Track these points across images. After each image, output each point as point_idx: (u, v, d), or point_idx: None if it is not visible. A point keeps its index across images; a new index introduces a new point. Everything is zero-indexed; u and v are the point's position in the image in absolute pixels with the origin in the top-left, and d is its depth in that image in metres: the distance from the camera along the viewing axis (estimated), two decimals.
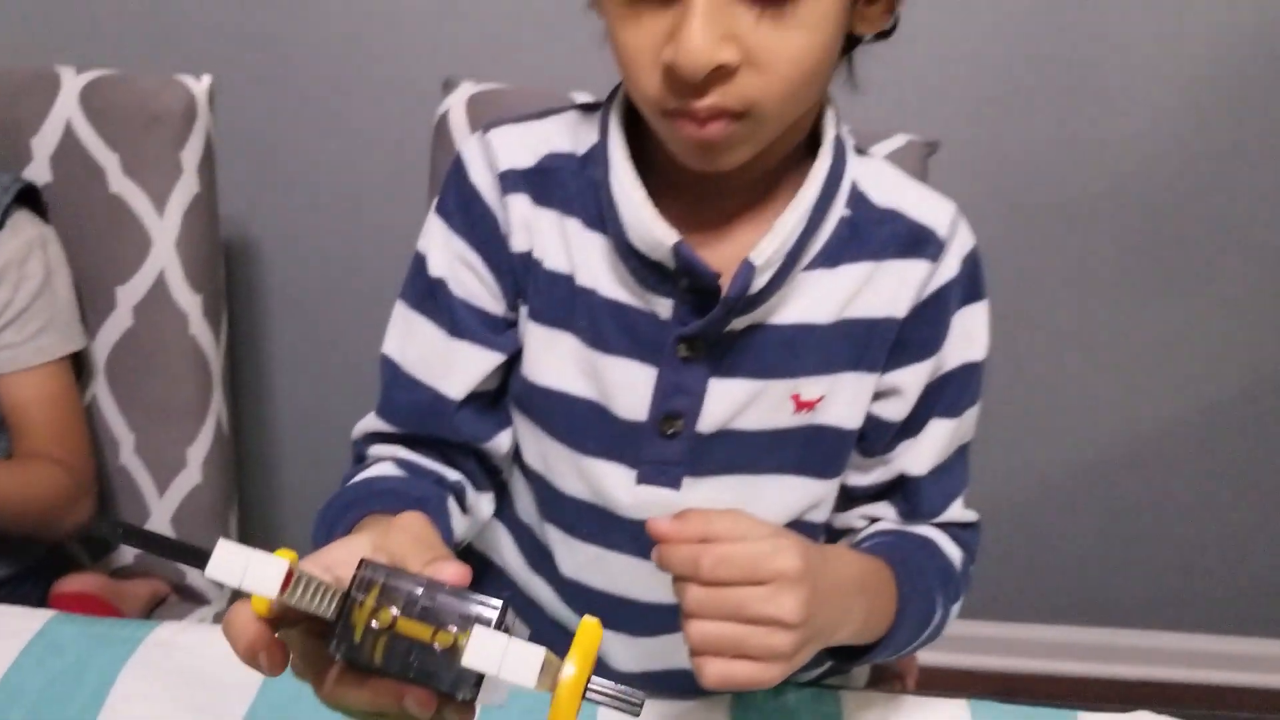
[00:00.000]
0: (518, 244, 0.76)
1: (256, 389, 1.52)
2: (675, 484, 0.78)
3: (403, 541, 0.54)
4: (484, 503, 0.83)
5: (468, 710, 0.48)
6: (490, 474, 0.83)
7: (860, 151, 0.79)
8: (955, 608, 0.79)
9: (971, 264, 0.78)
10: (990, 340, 0.80)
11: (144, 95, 1.11)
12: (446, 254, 0.78)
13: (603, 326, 0.75)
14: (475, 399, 0.79)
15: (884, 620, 0.71)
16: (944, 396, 0.79)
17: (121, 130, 1.11)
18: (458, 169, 0.78)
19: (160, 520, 1.17)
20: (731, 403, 0.76)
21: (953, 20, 1.33)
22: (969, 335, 0.79)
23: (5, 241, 1.03)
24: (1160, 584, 1.68)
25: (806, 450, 0.79)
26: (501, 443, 0.81)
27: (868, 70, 0.75)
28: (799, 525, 0.82)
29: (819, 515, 0.83)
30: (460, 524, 0.79)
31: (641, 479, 0.78)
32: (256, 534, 1.59)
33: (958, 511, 0.83)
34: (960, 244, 0.77)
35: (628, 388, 0.75)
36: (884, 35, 0.72)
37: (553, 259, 0.76)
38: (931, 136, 1.14)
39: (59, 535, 1.08)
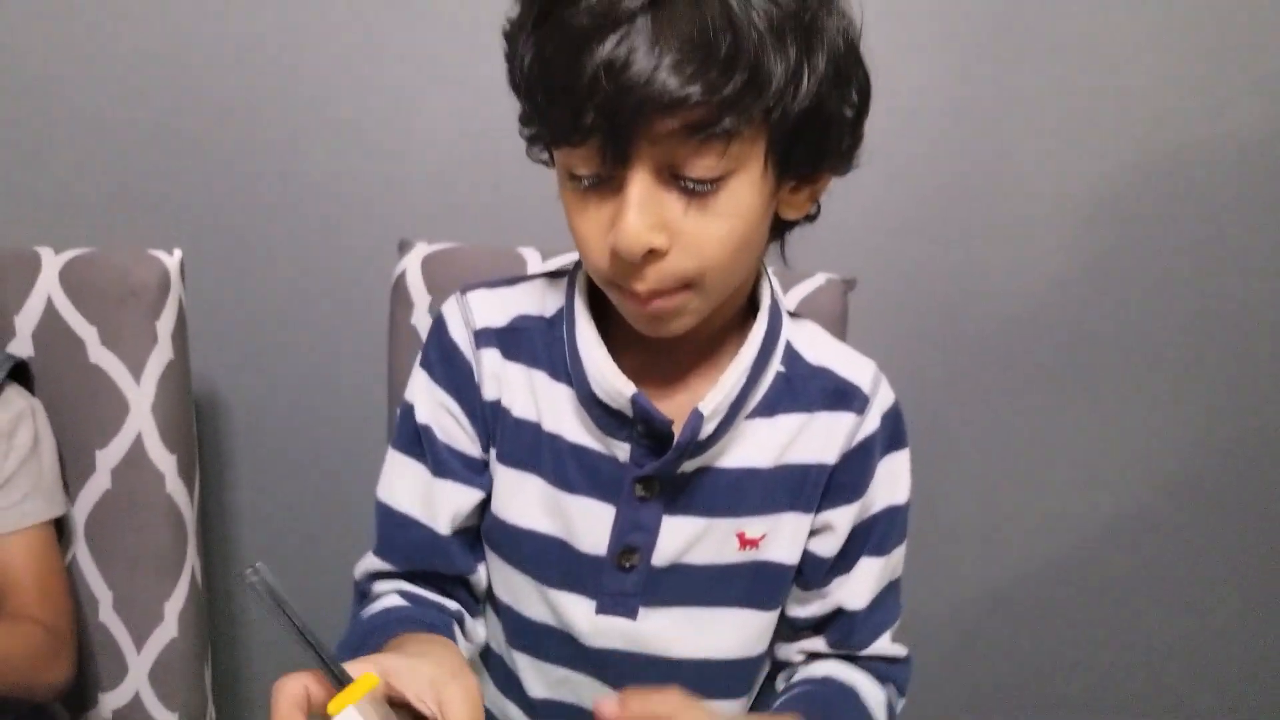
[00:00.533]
0: (488, 393, 0.85)
1: (225, 540, 1.56)
2: (632, 614, 0.85)
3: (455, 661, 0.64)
4: (480, 629, 0.90)
5: None
6: (478, 602, 0.90)
7: (792, 315, 0.89)
8: None
9: (892, 418, 0.88)
10: (911, 483, 0.90)
11: (120, 270, 1.17)
12: (430, 403, 0.86)
13: (567, 468, 0.83)
14: (461, 534, 0.86)
15: None
16: (872, 536, 0.88)
17: (99, 304, 1.17)
18: (439, 326, 0.87)
19: (138, 674, 1.20)
20: (683, 538, 0.83)
21: (865, 164, 1.44)
22: (893, 480, 0.88)
23: None
24: (1110, 684, 1.73)
25: (752, 584, 0.86)
26: (484, 574, 0.89)
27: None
28: (745, 659, 0.89)
29: (762, 645, 0.90)
30: (465, 648, 0.85)
31: (600, 609, 0.85)
32: (228, 685, 1.61)
33: (886, 645, 0.90)
34: (881, 400, 0.87)
35: (589, 525, 0.83)
36: (810, 219, 0.82)
37: (520, 408, 0.84)
38: (849, 274, 1.24)
39: (36, 695, 1.10)
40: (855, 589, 0.88)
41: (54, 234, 1.25)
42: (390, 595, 0.86)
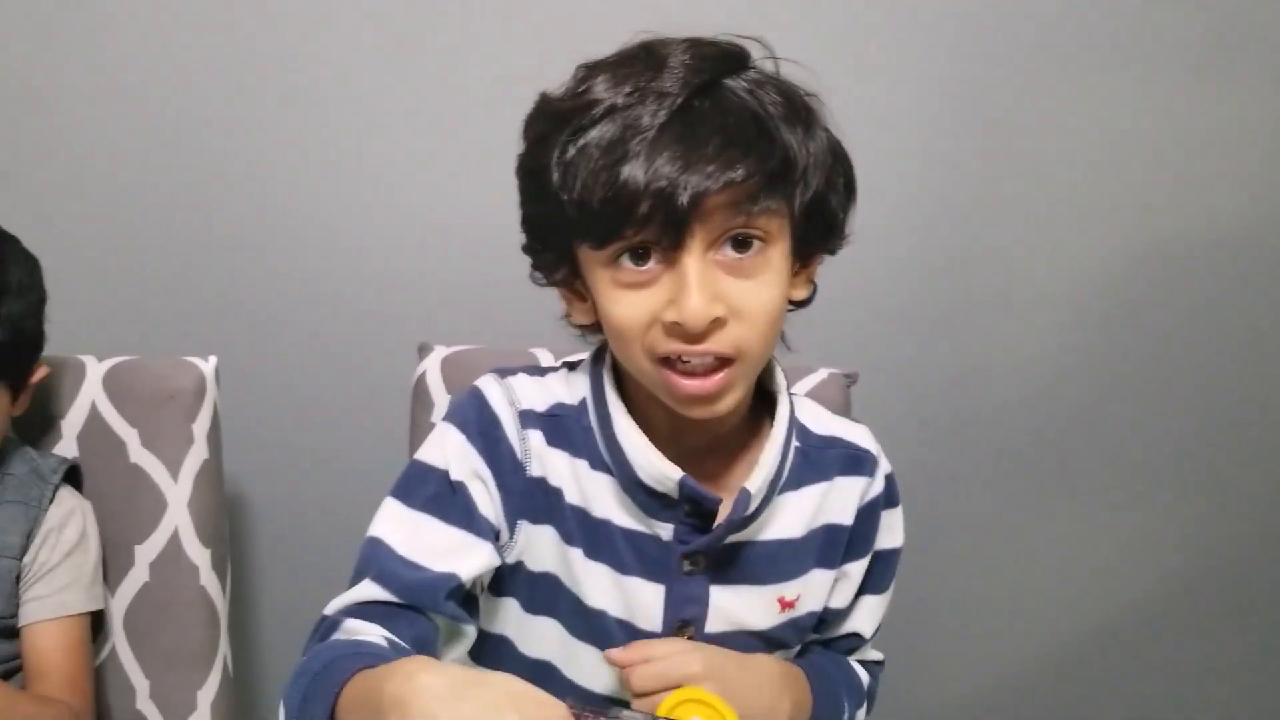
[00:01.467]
0: (534, 470, 0.88)
1: (255, 632, 1.61)
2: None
3: None
4: None
5: None
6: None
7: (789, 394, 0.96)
8: (861, 713, 1.00)
9: (890, 479, 0.98)
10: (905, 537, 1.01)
11: (159, 376, 1.25)
12: (465, 464, 0.87)
13: (621, 551, 0.88)
14: (461, 590, 0.86)
15: (806, 711, 0.91)
16: (872, 577, 0.99)
17: (140, 408, 1.25)
18: (479, 398, 0.89)
19: None
20: (732, 607, 0.90)
21: (861, 260, 1.48)
22: (891, 531, 0.99)
23: (51, 512, 1.16)
24: None
25: (787, 635, 0.96)
26: (468, 631, 0.87)
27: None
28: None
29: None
30: None
31: None
32: None
33: (870, 652, 1.05)
34: (884, 463, 0.98)
35: (643, 602, 0.89)
36: (805, 304, 0.89)
37: (570, 494, 0.89)
38: (850, 368, 1.29)
39: None
40: (859, 622, 1.00)
41: (97, 343, 1.32)
42: (367, 632, 0.80)
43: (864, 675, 1.03)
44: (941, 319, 1.54)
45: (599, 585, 0.90)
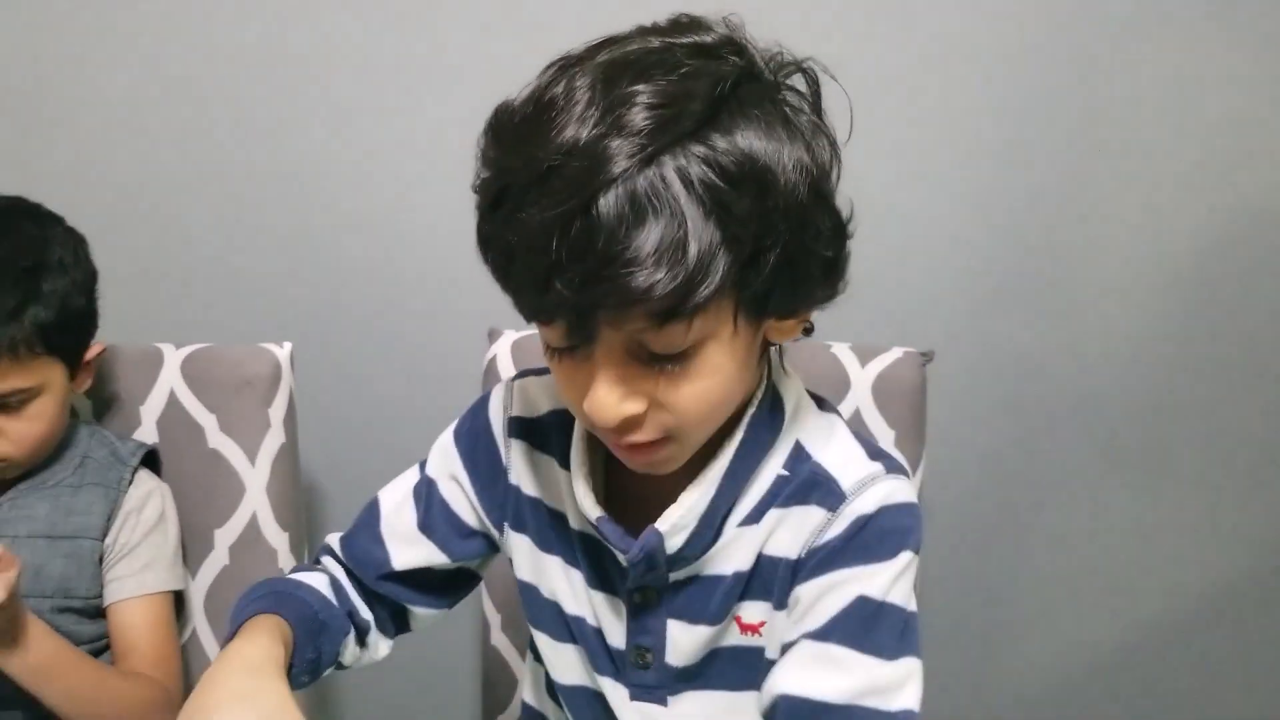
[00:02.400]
0: (514, 478, 0.90)
1: None
2: (662, 702, 0.87)
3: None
4: (383, 646, 0.96)
5: None
6: (399, 627, 0.96)
7: (825, 406, 0.86)
8: None
9: (875, 526, 0.79)
10: (893, 590, 0.79)
11: (235, 363, 1.27)
12: (443, 464, 0.93)
13: (593, 565, 0.86)
14: (413, 578, 0.92)
15: None
16: (812, 615, 0.79)
17: (217, 394, 1.27)
18: (482, 404, 0.94)
19: None
20: (689, 639, 0.84)
21: (941, 236, 1.47)
22: (861, 580, 0.78)
23: (131, 495, 1.18)
24: None
25: (761, 672, 0.82)
26: (423, 618, 0.95)
27: (864, 289, 0.80)
28: None
29: None
30: (351, 653, 0.92)
31: (633, 696, 0.88)
32: None
33: None
34: (862, 504, 0.79)
35: (610, 619, 0.86)
36: (806, 333, 0.79)
37: (549, 500, 0.88)
38: (926, 347, 1.26)
39: None
40: (786, 675, 0.78)
41: (174, 332, 1.34)
42: (322, 576, 0.93)
43: None
44: (1019, 300, 1.51)
45: (572, 593, 0.88)
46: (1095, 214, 1.48)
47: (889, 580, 0.78)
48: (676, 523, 0.79)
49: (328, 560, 0.96)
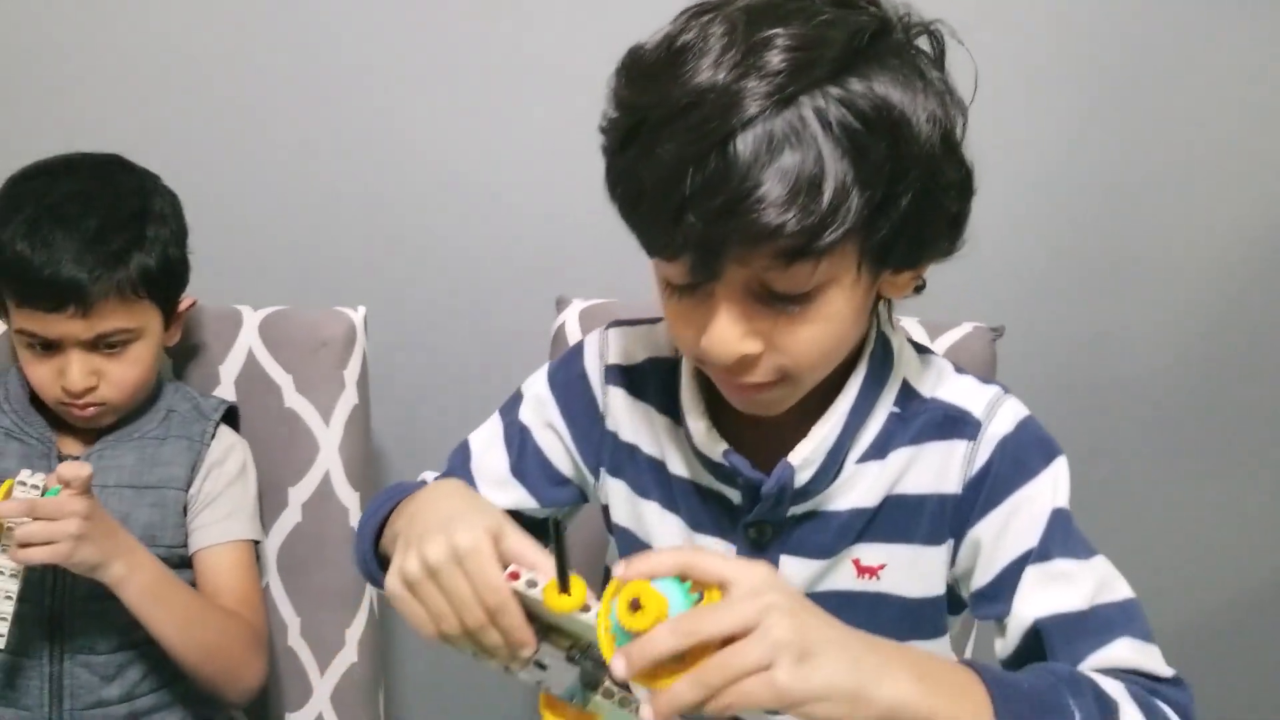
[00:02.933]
0: (611, 424, 0.91)
1: None
2: None
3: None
4: None
5: None
6: None
7: (923, 350, 0.89)
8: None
9: (1015, 442, 0.83)
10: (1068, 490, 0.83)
11: (312, 325, 1.30)
12: (538, 411, 0.94)
13: (693, 508, 0.88)
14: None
15: (967, 703, 0.68)
16: (1019, 541, 0.81)
17: (294, 355, 1.30)
18: (576, 352, 0.95)
19: (322, 696, 1.29)
20: (801, 578, 0.85)
21: (1012, 210, 1.46)
22: (1031, 501, 0.82)
23: (213, 448, 1.21)
24: None
25: (872, 616, 0.83)
26: None
27: (937, 265, 0.82)
28: None
29: None
30: None
31: None
32: (396, 714, 1.70)
33: (1122, 654, 0.78)
34: (998, 426, 0.83)
35: None
36: (917, 291, 0.82)
37: (646, 446, 0.90)
38: (997, 322, 1.27)
39: (230, 692, 1.17)
40: (1029, 602, 0.80)
41: (253, 294, 1.37)
42: None
43: (1113, 686, 0.75)
44: (1095, 277, 1.50)
45: (671, 537, 0.89)
46: (1166, 197, 1.46)
47: (1062, 485, 0.83)
48: (808, 457, 0.81)
49: None
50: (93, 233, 1.10)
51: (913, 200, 0.71)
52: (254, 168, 1.51)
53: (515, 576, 0.68)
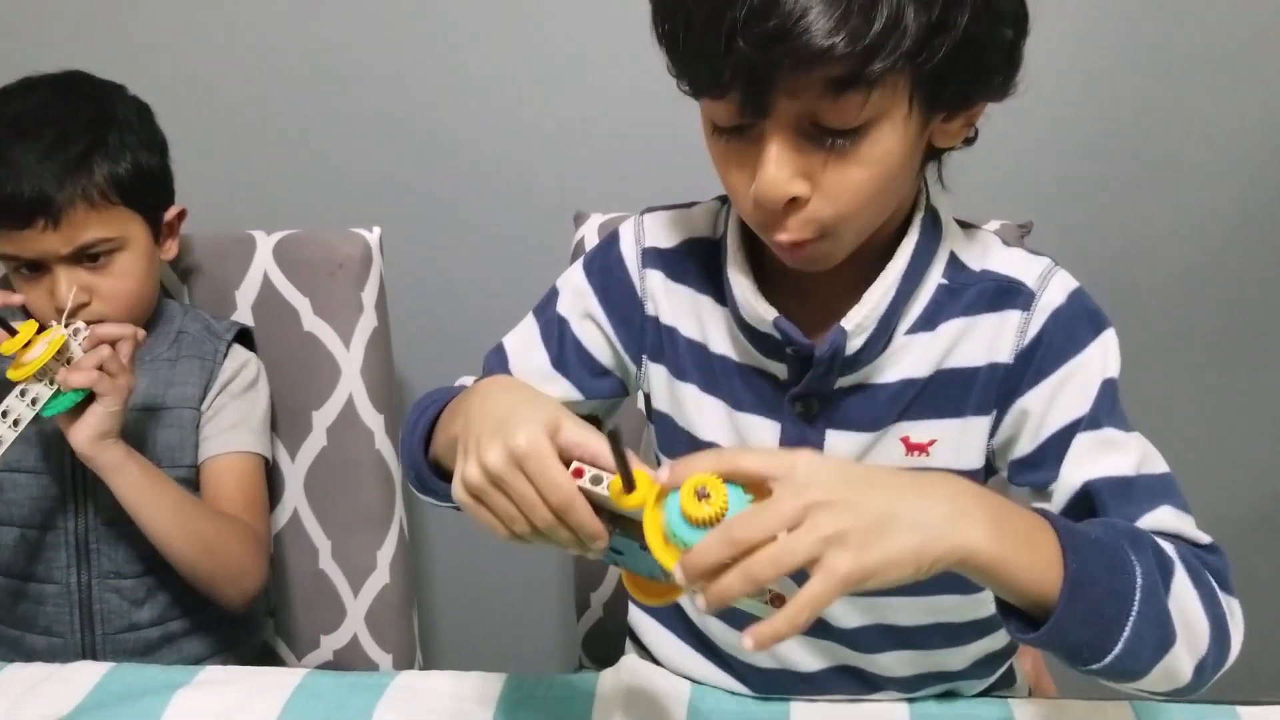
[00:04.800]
0: (650, 309, 0.91)
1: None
2: None
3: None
4: None
5: None
6: None
7: (966, 226, 0.88)
8: (1178, 585, 0.72)
9: (1069, 311, 0.83)
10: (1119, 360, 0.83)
11: (327, 247, 1.28)
12: (576, 302, 0.93)
13: (735, 388, 0.87)
14: None
15: (1037, 553, 0.68)
16: (1069, 408, 0.81)
17: (310, 278, 1.28)
18: (611, 239, 0.94)
19: (355, 617, 1.30)
20: (847, 453, 0.85)
21: (1039, 107, 1.42)
22: (1085, 368, 0.82)
23: (226, 366, 1.21)
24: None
25: None
26: None
27: (962, 158, 0.83)
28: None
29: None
30: None
31: None
32: (431, 632, 1.72)
33: (1167, 519, 0.79)
34: (1051, 296, 0.83)
35: (759, 440, 0.86)
36: (968, 143, 0.81)
37: (686, 328, 0.89)
38: (1024, 219, 1.24)
39: (228, 594, 1.17)
40: (1078, 466, 0.80)
41: (266, 219, 1.35)
42: None
43: (1167, 545, 0.75)
44: (1123, 173, 1.48)
45: (712, 420, 0.88)
46: (1198, 92, 1.43)
47: (1112, 356, 0.83)
48: (860, 323, 0.80)
49: None
50: (50, 142, 1.08)
51: (969, 24, 0.69)
52: (263, 90, 1.49)
53: (580, 474, 0.68)
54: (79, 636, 1.15)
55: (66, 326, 1.06)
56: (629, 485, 0.65)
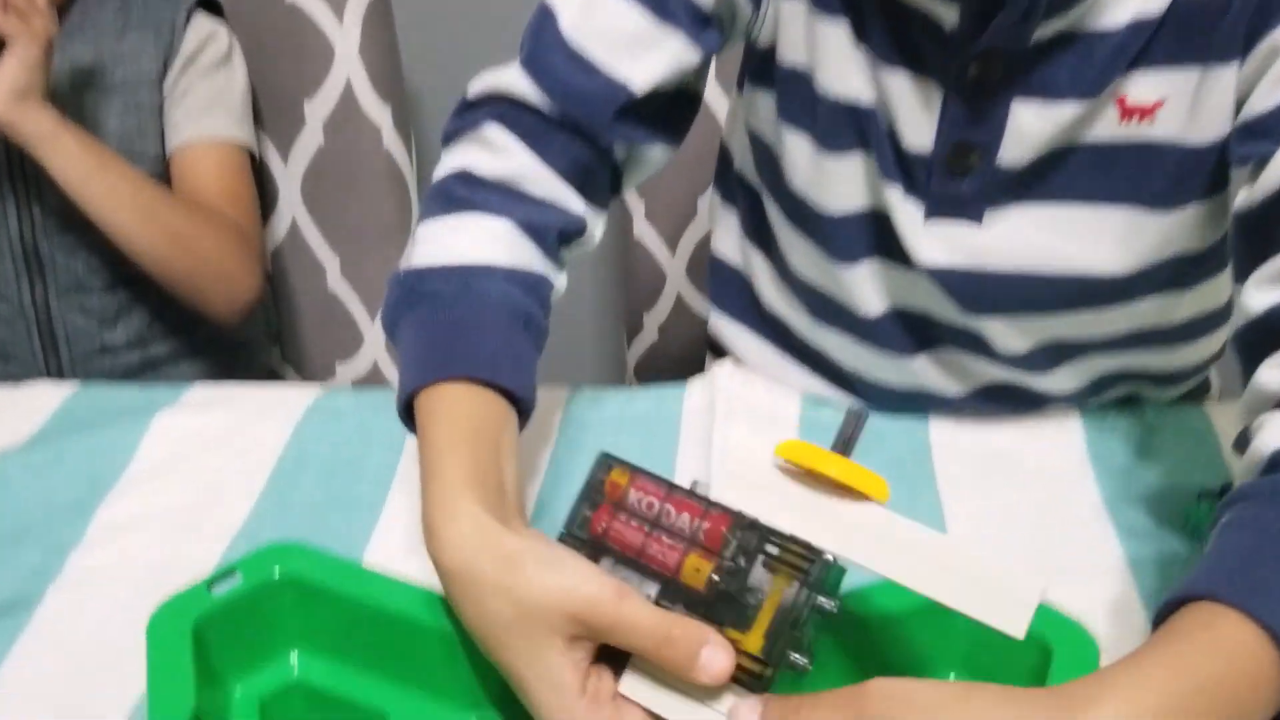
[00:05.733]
0: None
1: None
2: (976, 218, 0.67)
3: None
4: (599, 229, 0.73)
5: None
6: (614, 188, 0.73)
7: None
8: None
9: None
10: None
11: None
12: None
13: (884, 38, 0.65)
14: (649, 104, 0.68)
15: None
16: None
17: None
18: None
19: (375, 342, 1.15)
20: (1044, 127, 0.63)
21: None
22: None
23: (188, 37, 1.04)
24: None
25: (1135, 172, 0.64)
26: (653, 163, 0.71)
27: None
28: (1126, 276, 0.67)
29: (1158, 256, 0.67)
30: (560, 285, 0.70)
31: (932, 212, 0.67)
32: None
33: None
34: None
35: (910, 106, 0.65)
36: None
37: None
38: None
39: (218, 302, 1.04)
40: None
41: None
42: (497, 224, 0.66)
43: None
44: None
45: (854, 73, 0.66)
46: None
47: None
48: None
49: (492, 136, 0.68)
50: None
51: None
52: None
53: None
54: (41, 360, 1.03)
55: None
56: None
